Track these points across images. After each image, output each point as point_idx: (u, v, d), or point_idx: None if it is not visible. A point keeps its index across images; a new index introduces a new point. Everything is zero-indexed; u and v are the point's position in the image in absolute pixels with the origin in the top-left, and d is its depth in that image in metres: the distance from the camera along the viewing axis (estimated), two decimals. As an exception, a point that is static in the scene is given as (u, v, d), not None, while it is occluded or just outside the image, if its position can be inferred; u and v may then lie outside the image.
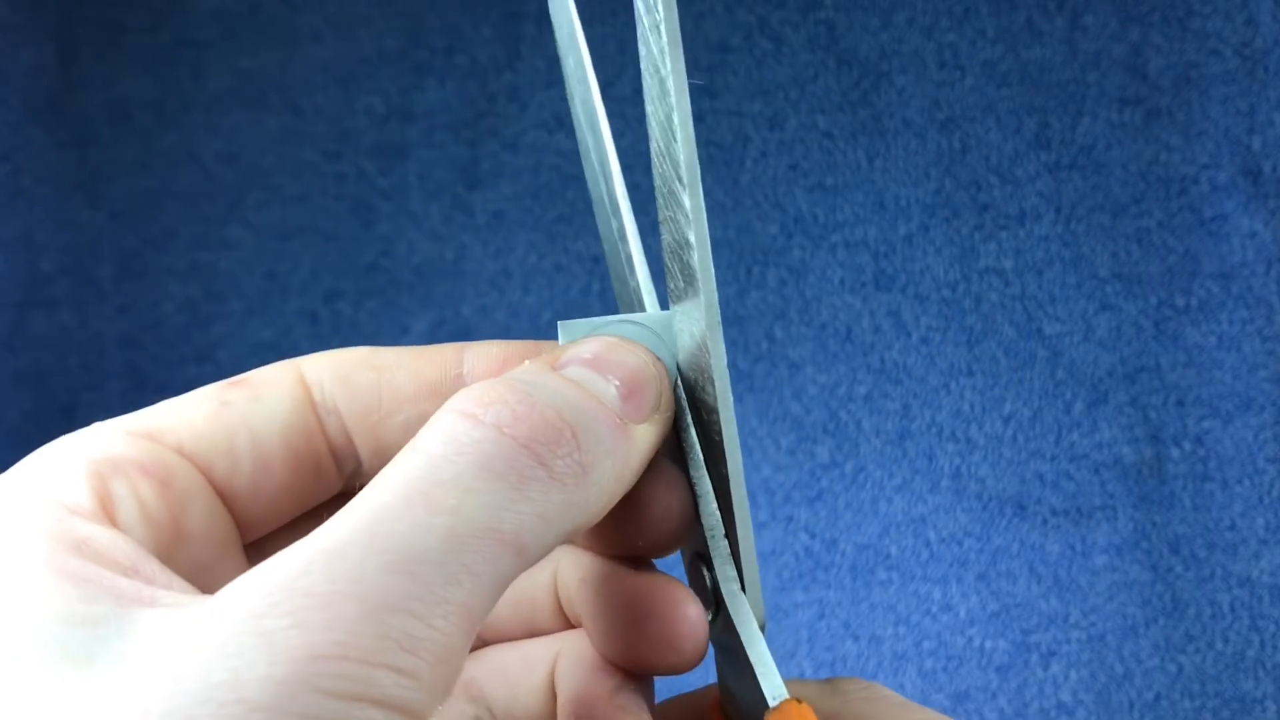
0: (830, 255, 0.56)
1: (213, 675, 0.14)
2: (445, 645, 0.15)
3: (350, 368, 0.21)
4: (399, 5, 0.60)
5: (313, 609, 0.14)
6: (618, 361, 0.20)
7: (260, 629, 0.14)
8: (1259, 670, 0.51)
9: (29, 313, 0.59)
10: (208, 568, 0.19)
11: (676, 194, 0.19)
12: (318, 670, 0.14)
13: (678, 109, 0.18)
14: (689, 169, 0.18)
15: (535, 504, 0.17)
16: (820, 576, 0.54)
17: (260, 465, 0.20)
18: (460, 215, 0.58)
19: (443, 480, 0.16)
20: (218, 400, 0.20)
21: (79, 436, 0.19)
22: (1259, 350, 0.53)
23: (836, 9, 0.57)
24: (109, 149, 0.60)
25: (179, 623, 0.15)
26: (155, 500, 0.19)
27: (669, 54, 0.18)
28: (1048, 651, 0.52)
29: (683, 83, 0.18)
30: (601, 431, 0.18)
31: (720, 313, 0.20)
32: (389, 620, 0.15)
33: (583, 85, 0.23)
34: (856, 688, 0.23)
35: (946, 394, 0.54)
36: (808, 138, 0.57)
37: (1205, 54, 0.55)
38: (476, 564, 0.16)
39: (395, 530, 0.15)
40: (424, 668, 0.15)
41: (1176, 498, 0.52)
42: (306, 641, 0.14)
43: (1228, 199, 0.54)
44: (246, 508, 0.20)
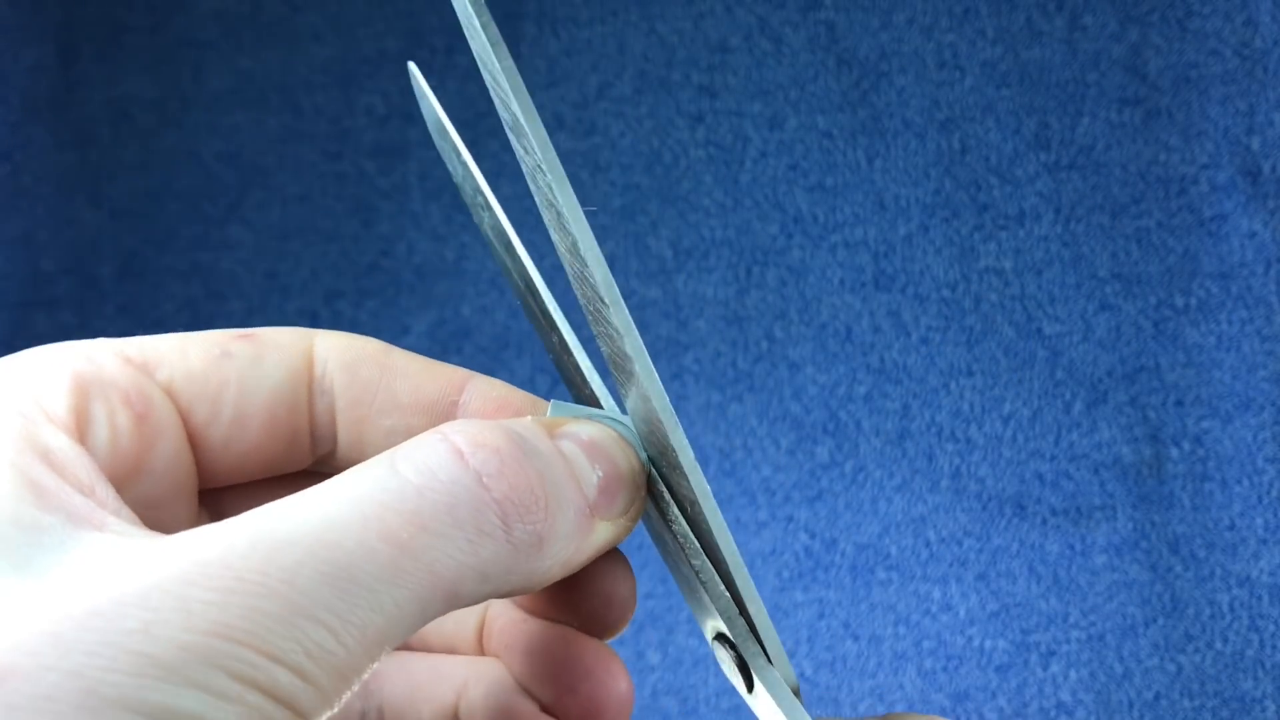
0: (830, 255, 0.56)
1: (127, 621, 0.14)
2: (349, 664, 0.16)
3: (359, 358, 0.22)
4: (399, 5, 0.60)
5: (238, 593, 0.15)
6: (608, 456, 0.20)
7: (185, 594, 0.15)
8: (1258, 670, 0.51)
9: (30, 312, 0.59)
10: (158, 504, 0.20)
11: (602, 312, 0.19)
12: (223, 649, 0.15)
13: (580, 237, 0.19)
14: (607, 290, 0.19)
15: (482, 560, 0.17)
16: (820, 576, 0.54)
17: (239, 422, 0.21)
18: (460, 215, 0.58)
19: (403, 511, 0.16)
20: (220, 349, 0.21)
21: (73, 347, 0.19)
22: (1259, 350, 0.53)
23: (836, 9, 0.57)
24: (109, 149, 0.60)
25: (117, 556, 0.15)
26: (128, 430, 0.19)
27: (557, 190, 0.18)
28: (1047, 651, 0.52)
29: (577, 212, 0.19)
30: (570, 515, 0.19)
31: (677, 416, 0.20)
32: (304, 626, 0.15)
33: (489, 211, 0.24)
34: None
35: (946, 394, 0.54)
36: (808, 138, 0.57)
37: (1205, 54, 0.55)
38: (405, 599, 0.16)
39: (341, 545, 0.16)
40: (323, 678, 0.15)
41: (1176, 497, 0.53)
42: (221, 620, 0.15)
43: (1227, 199, 0.54)
44: (213, 458, 0.21)
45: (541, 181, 0.19)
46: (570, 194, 0.19)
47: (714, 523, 0.20)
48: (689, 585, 0.22)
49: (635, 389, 0.20)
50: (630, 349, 0.19)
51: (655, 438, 0.21)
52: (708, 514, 0.20)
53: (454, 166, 0.24)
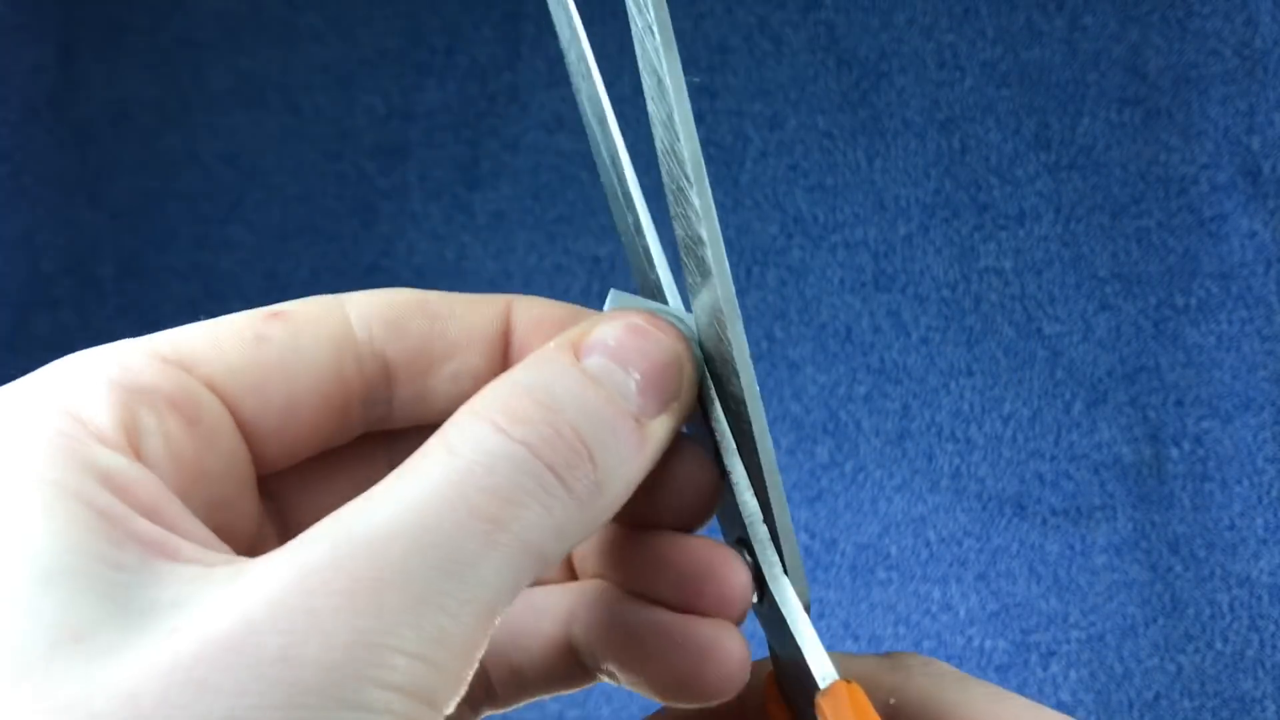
0: (830, 255, 0.56)
1: (265, 651, 0.14)
2: (471, 641, 0.16)
3: (404, 313, 0.21)
4: (399, 5, 0.60)
5: (360, 594, 0.15)
6: (641, 350, 0.20)
7: (310, 607, 0.15)
8: (1258, 670, 0.51)
9: (30, 313, 0.59)
10: (223, 505, 0.19)
11: (685, 191, 0.19)
12: (365, 658, 0.15)
13: (677, 108, 0.19)
14: (694, 167, 0.19)
15: (556, 519, 0.18)
16: (820, 576, 0.54)
17: (289, 407, 0.20)
18: (460, 215, 0.58)
19: (482, 488, 0.17)
20: (255, 334, 0.20)
21: (104, 355, 0.18)
22: (1258, 350, 0.53)
23: (836, 9, 0.57)
24: (109, 149, 0.60)
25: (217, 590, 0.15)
26: (181, 436, 0.18)
27: (664, 54, 0.18)
28: (1047, 651, 0.52)
29: (680, 82, 0.18)
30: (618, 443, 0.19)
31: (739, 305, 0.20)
32: (426, 613, 0.15)
33: (587, 81, 0.23)
34: (916, 663, 0.23)
35: (946, 394, 0.54)
36: (808, 138, 0.57)
37: (1205, 54, 0.55)
38: (505, 569, 0.17)
39: (438, 528, 0.16)
40: (451, 661, 0.16)
41: (1176, 497, 0.52)
42: (353, 626, 0.15)
43: (1227, 199, 0.54)
44: (267, 446, 0.20)
45: (649, 44, 0.18)
46: (676, 60, 0.18)
47: (757, 423, 0.20)
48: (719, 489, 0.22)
49: (702, 275, 0.20)
50: (706, 232, 0.19)
51: (713, 329, 0.20)
52: (752, 414, 0.20)
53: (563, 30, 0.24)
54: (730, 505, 0.22)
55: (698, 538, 0.22)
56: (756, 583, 0.22)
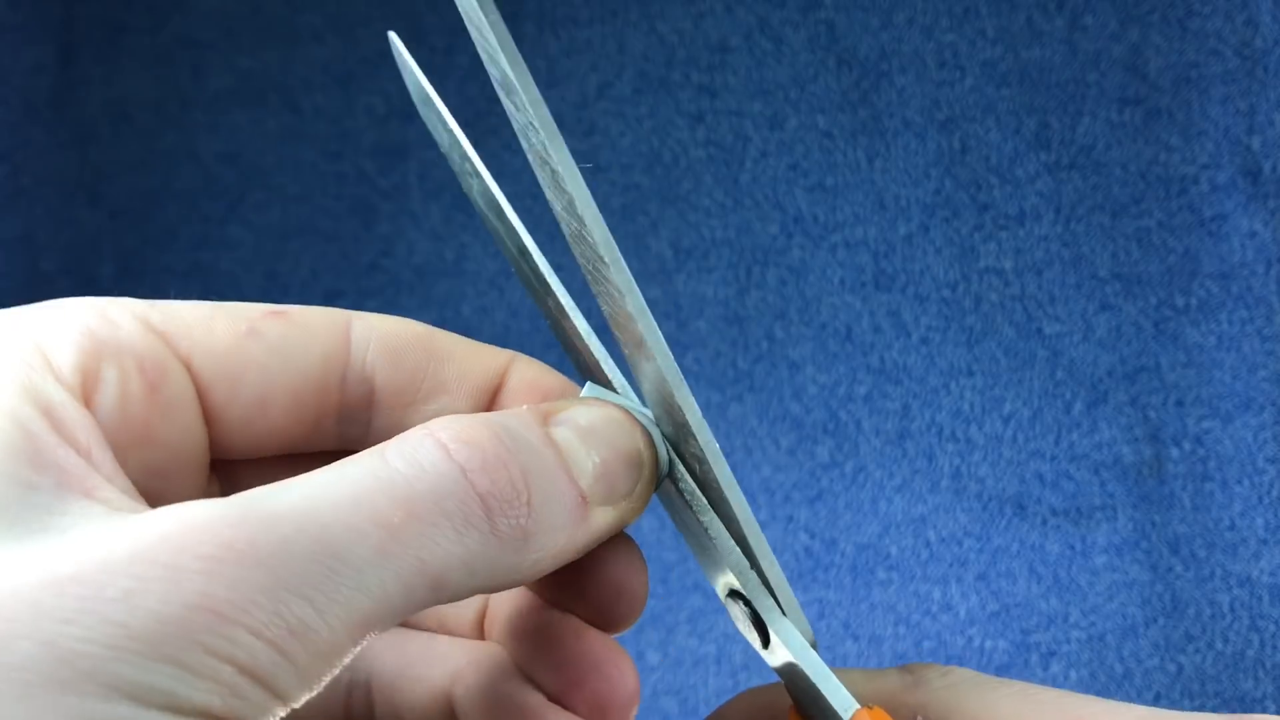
0: (830, 255, 0.56)
1: (107, 589, 0.14)
2: (331, 644, 0.16)
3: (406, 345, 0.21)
4: (399, 5, 0.60)
5: (226, 563, 0.15)
6: (608, 439, 0.20)
7: (170, 563, 0.14)
8: (1259, 670, 0.51)
9: (29, 313, 0.59)
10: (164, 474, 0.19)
11: (601, 271, 0.19)
12: (205, 623, 0.14)
13: (576, 195, 0.18)
14: (606, 247, 0.19)
15: (468, 551, 0.17)
16: (820, 576, 0.54)
17: (259, 404, 0.20)
18: (460, 215, 0.58)
19: (394, 497, 0.17)
20: (249, 327, 0.20)
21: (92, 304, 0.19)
22: (1259, 350, 0.53)
23: (836, 9, 0.57)
24: (109, 149, 0.60)
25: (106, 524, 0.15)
26: (138, 399, 0.18)
27: (550, 147, 0.18)
28: (1048, 651, 0.52)
29: (573, 170, 0.19)
30: (559, 506, 0.19)
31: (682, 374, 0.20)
32: (289, 601, 0.15)
33: (476, 179, 0.24)
34: (936, 674, 0.23)
35: (946, 394, 0.54)
36: (808, 138, 0.57)
37: (1205, 54, 0.55)
38: (391, 583, 0.16)
39: (333, 524, 0.16)
40: (303, 656, 0.15)
41: (1176, 498, 0.52)
42: (205, 591, 0.14)
43: (1228, 199, 0.54)
44: (229, 434, 0.20)
45: (534, 139, 0.19)
46: (564, 150, 0.18)
47: (724, 480, 0.20)
48: (698, 542, 0.22)
49: (638, 350, 0.20)
50: (633, 308, 0.19)
51: (661, 398, 0.20)
52: (716, 472, 0.20)
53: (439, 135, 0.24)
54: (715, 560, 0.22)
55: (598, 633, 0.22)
56: (758, 629, 0.22)
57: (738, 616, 0.23)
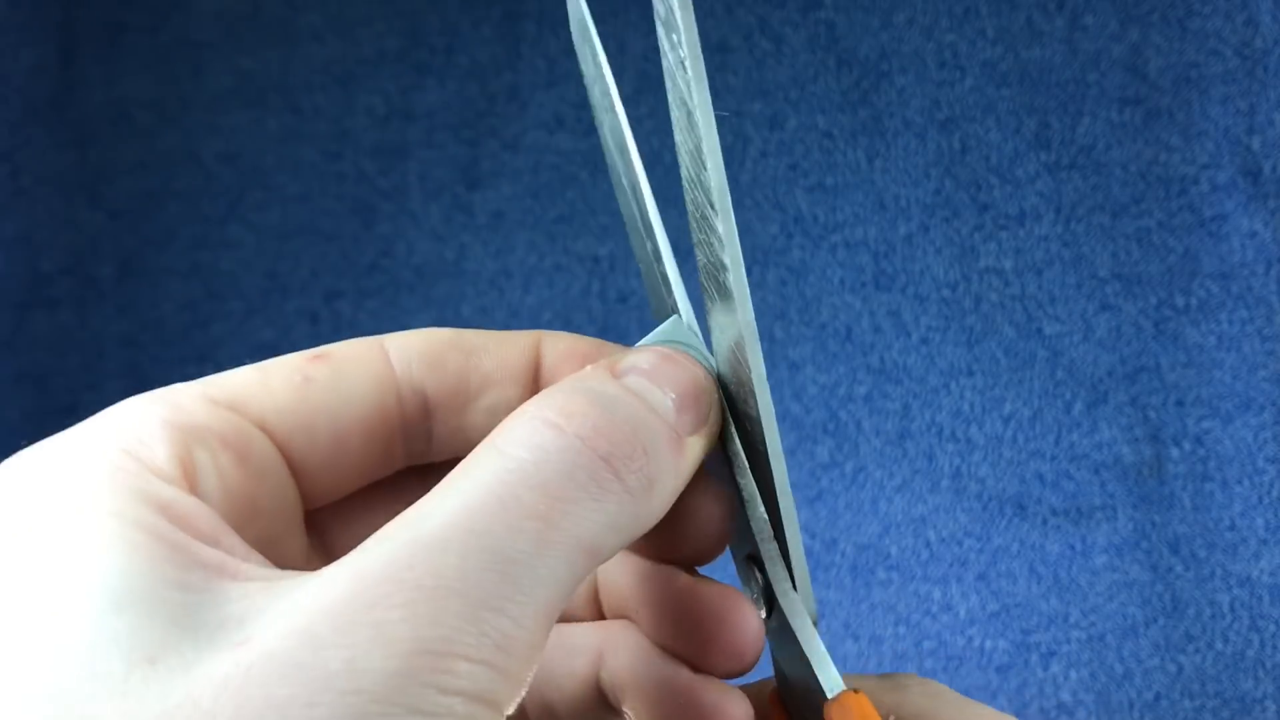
0: (830, 255, 0.56)
1: (330, 664, 0.14)
2: (531, 643, 0.16)
3: (440, 349, 0.22)
4: (399, 5, 0.60)
5: (420, 603, 0.15)
6: (673, 375, 0.21)
7: (373, 619, 0.15)
8: (1259, 670, 0.51)
9: (29, 313, 0.59)
10: (274, 540, 0.20)
11: (709, 219, 0.20)
12: (428, 665, 0.15)
13: (705, 139, 0.19)
14: (720, 196, 0.19)
15: (610, 514, 0.18)
16: (820, 576, 0.54)
17: (336, 444, 0.21)
18: (460, 215, 0.58)
19: (533, 486, 0.17)
20: (301, 375, 0.20)
21: (157, 398, 0.19)
22: (1259, 350, 0.53)
23: (836, 9, 0.57)
24: (109, 149, 0.60)
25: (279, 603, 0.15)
26: (234, 473, 0.19)
27: (695, 87, 0.19)
28: (1048, 651, 0.52)
29: (709, 115, 0.19)
30: (663, 446, 0.19)
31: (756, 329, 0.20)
32: (487, 618, 0.16)
33: (610, 114, 0.24)
34: (914, 683, 0.24)
35: (946, 394, 0.54)
36: (808, 138, 0.57)
37: (1205, 54, 0.55)
38: (560, 567, 0.17)
39: (492, 530, 0.16)
40: (513, 664, 0.16)
41: (1176, 498, 0.52)
42: (416, 635, 0.15)
43: (1228, 199, 0.54)
44: (315, 482, 0.21)
45: (680, 79, 0.19)
46: (706, 93, 0.19)
47: (772, 444, 0.21)
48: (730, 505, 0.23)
49: (723, 299, 0.21)
50: (729, 258, 0.20)
51: (731, 352, 0.21)
52: (768, 435, 0.21)
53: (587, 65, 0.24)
54: (742, 522, 0.22)
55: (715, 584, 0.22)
56: (765, 597, 0.22)
57: (749, 581, 0.23)
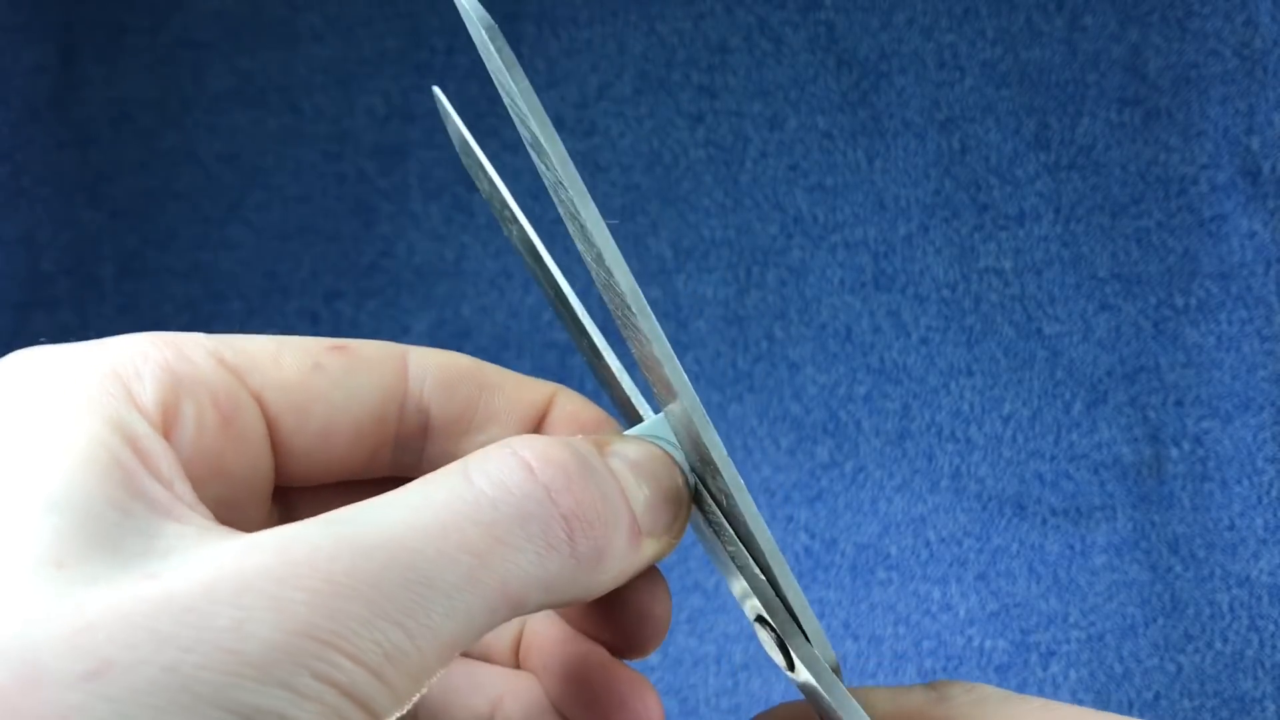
0: (830, 255, 0.56)
1: (219, 619, 0.15)
2: (422, 666, 0.17)
3: (459, 376, 0.22)
4: (399, 5, 0.60)
5: (326, 595, 0.16)
6: (654, 473, 0.21)
7: (275, 592, 0.15)
8: (1258, 670, 0.51)
9: (29, 313, 0.59)
10: (235, 504, 0.20)
11: (630, 319, 0.20)
12: (311, 650, 0.15)
13: (604, 249, 0.20)
14: (633, 298, 0.20)
15: (548, 572, 0.18)
16: (820, 576, 0.54)
17: (325, 435, 0.21)
18: (460, 215, 0.58)
19: (480, 522, 0.17)
20: (314, 361, 0.21)
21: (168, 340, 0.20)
22: (1259, 350, 0.53)
23: (836, 9, 0.57)
24: (109, 149, 0.60)
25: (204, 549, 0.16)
26: (213, 431, 0.19)
27: (578, 204, 0.19)
28: (1047, 651, 0.52)
29: (600, 225, 0.20)
30: (624, 530, 0.20)
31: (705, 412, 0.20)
32: (385, 629, 0.16)
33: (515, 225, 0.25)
34: (960, 691, 0.24)
35: (946, 394, 0.54)
36: (808, 138, 0.57)
37: (1205, 54, 0.55)
38: (476, 608, 0.17)
39: (423, 552, 0.17)
40: (397, 679, 0.16)
41: (1176, 498, 0.53)
42: (309, 619, 0.15)
43: (1227, 199, 0.54)
44: (295, 464, 0.21)
45: (564, 196, 0.20)
46: (592, 208, 0.19)
47: (749, 514, 0.21)
48: (726, 569, 0.23)
49: (666, 391, 0.21)
50: (659, 353, 0.20)
51: (688, 436, 0.21)
52: (742, 507, 0.21)
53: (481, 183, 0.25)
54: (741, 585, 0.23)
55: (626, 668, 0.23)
56: (783, 652, 0.23)
57: (766, 641, 0.23)
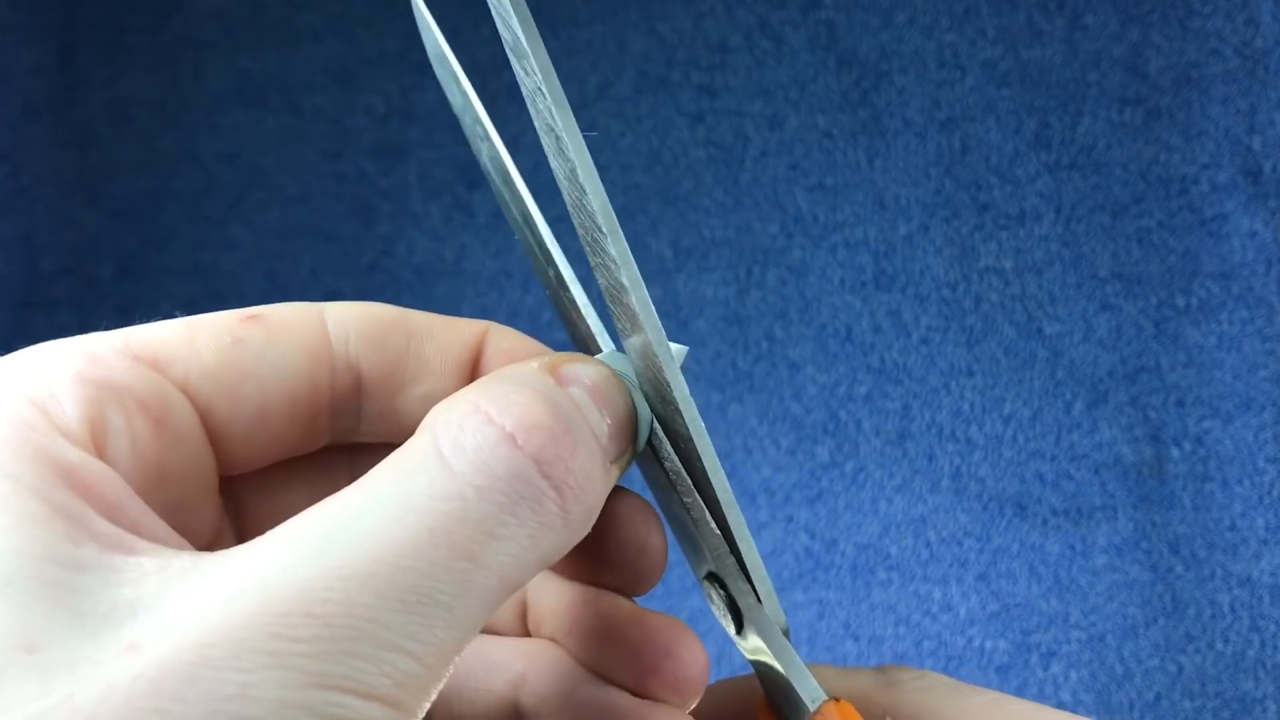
0: (830, 255, 0.56)
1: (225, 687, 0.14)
2: (431, 680, 0.16)
3: (382, 328, 0.21)
4: (399, 5, 0.60)
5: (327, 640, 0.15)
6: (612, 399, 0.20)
7: (274, 649, 0.14)
8: (1259, 670, 0.51)
9: (29, 313, 0.59)
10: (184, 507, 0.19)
11: (600, 243, 0.19)
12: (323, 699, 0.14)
13: (579, 163, 0.18)
14: (605, 218, 0.19)
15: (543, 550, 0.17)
16: (820, 576, 0.54)
17: (260, 414, 0.19)
18: (460, 215, 0.58)
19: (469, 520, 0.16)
20: (231, 336, 0.19)
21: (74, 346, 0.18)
22: (1259, 350, 0.53)
23: (836, 9, 0.57)
24: (109, 149, 0.60)
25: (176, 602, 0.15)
26: (148, 437, 0.18)
27: (557, 113, 0.18)
28: (1048, 651, 0.52)
29: (577, 137, 0.18)
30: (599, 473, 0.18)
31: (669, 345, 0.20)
32: (392, 659, 0.15)
33: (487, 142, 0.23)
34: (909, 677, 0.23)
35: (946, 394, 0.54)
36: (808, 138, 0.57)
37: (1205, 54, 0.55)
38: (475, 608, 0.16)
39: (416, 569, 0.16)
40: (409, 700, 0.15)
41: (1176, 498, 0.52)
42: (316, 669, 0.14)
43: (1228, 199, 0.54)
44: (234, 450, 0.20)
45: (541, 105, 0.18)
46: (570, 117, 0.18)
47: (707, 459, 0.20)
48: (680, 526, 0.22)
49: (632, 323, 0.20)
50: (627, 279, 0.19)
51: (650, 372, 0.20)
52: (700, 450, 0.20)
53: (453, 95, 0.23)
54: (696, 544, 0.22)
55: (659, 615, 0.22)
56: (732, 614, 0.22)
57: (714, 600, 0.22)
